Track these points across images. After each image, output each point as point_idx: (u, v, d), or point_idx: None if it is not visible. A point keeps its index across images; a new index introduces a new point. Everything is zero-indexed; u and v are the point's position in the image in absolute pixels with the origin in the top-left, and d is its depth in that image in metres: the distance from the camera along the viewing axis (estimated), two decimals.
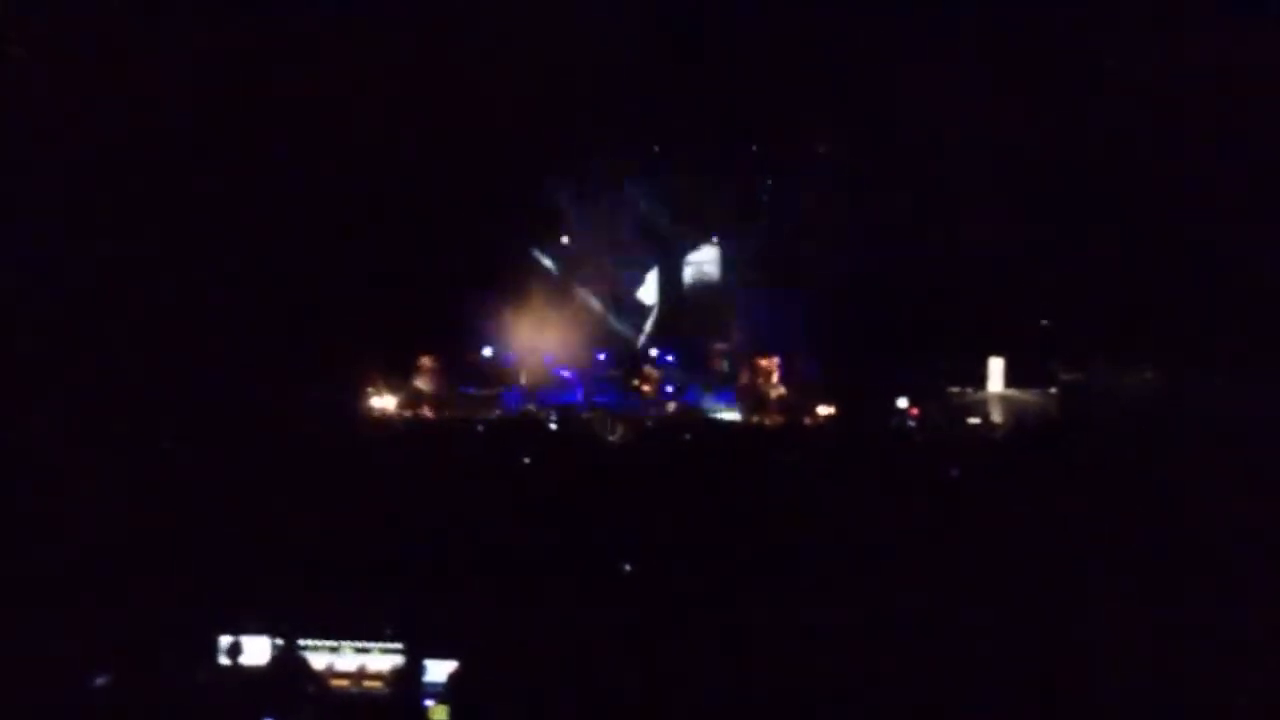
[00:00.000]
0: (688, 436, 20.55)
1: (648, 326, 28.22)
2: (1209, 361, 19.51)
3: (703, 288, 28.24)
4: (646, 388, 26.26)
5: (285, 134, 20.87)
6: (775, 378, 26.12)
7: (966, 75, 22.55)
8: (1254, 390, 17.85)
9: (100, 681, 7.66)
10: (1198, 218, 20.24)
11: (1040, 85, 22.09)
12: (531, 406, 25.40)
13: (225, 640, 8.18)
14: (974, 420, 23.43)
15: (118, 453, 12.98)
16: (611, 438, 20.55)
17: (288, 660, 7.91)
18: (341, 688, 8.05)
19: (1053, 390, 23.67)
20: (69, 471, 11.49)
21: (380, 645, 8.10)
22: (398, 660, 8.04)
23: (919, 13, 23.33)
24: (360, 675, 8.07)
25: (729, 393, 26.30)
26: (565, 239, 27.60)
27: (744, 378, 26.56)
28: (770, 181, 27.60)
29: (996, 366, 24.66)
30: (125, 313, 17.49)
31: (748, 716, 7.75)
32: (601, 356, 27.56)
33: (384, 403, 24.86)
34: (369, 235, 22.04)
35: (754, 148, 27.15)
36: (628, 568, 10.58)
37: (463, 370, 26.15)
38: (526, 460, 17.18)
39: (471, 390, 25.83)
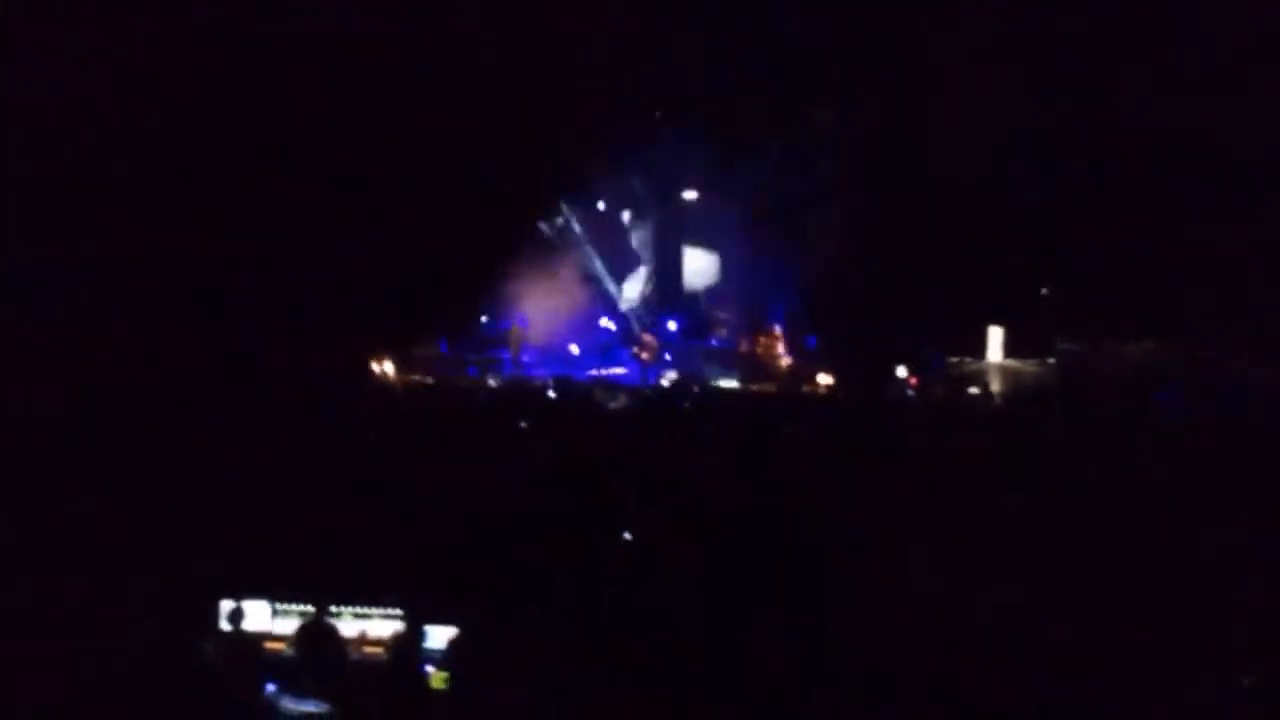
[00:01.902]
0: (687, 405, 20.58)
1: (647, 294, 28.21)
2: (1208, 332, 19.56)
3: (703, 256, 28.22)
4: (645, 355, 26.25)
5: (286, 110, 20.81)
6: (776, 347, 26.13)
7: (967, 45, 22.51)
8: (1253, 360, 17.91)
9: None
10: (1199, 188, 20.25)
11: (1042, 56, 22.05)
12: (531, 374, 25.42)
13: (227, 606, 8.22)
14: (973, 390, 23.46)
15: (119, 420, 13.02)
16: (611, 405, 20.57)
17: (317, 629, 7.94)
18: None
19: (1051, 360, 23.70)
20: (68, 442, 11.54)
21: (381, 611, 8.14)
22: (398, 626, 8.07)
23: None
24: (361, 641, 8.11)
25: (729, 361, 26.30)
26: (564, 206, 27.55)
27: (744, 346, 26.57)
28: (770, 150, 27.54)
29: (996, 336, 24.68)
30: (131, 287, 17.53)
31: (748, 681, 7.79)
32: (600, 324, 27.57)
33: (384, 368, 24.87)
34: (370, 204, 22.02)
35: (753, 116, 27.09)
36: (628, 536, 10.62)
37: (462, 337, 26.17)
38: (523, 424, 17.24)
39: (471, 357, 25.86)
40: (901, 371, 24.46)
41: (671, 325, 27.31)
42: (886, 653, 7.85)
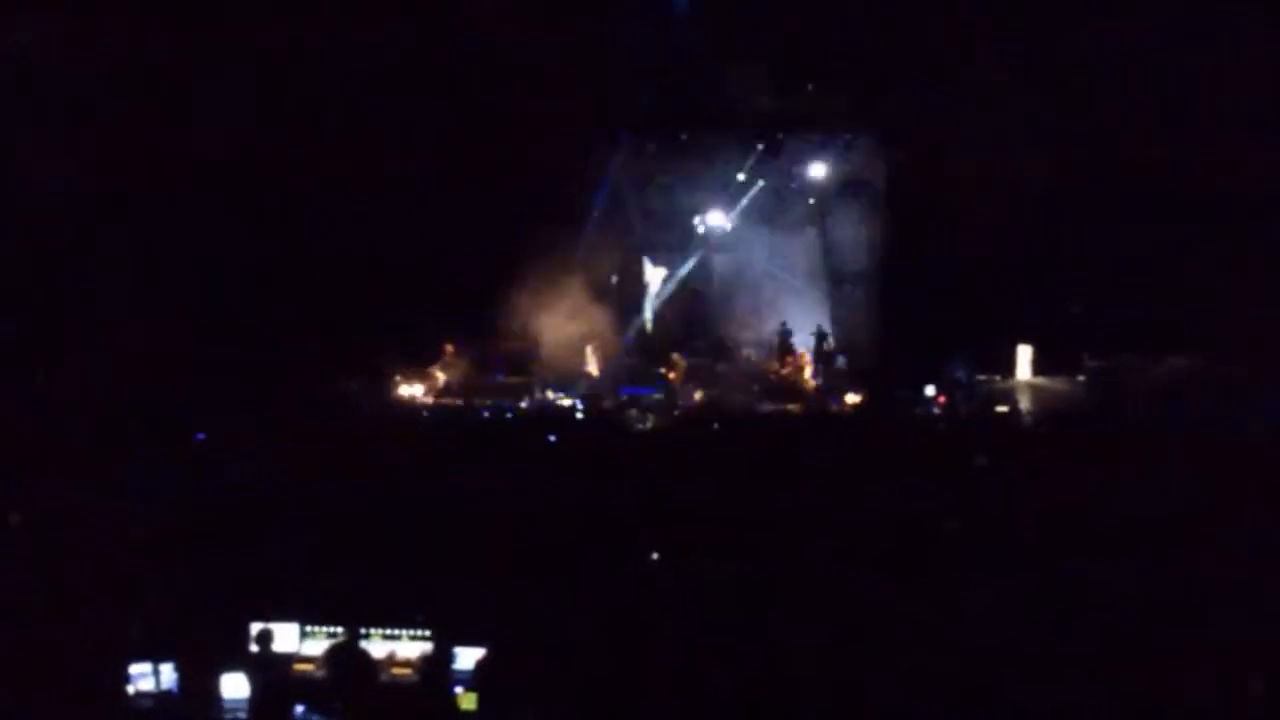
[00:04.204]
0: (716, 425, 20.54)
1: (673, 314, 28.17)
2: (1239, 349, 19.42)
3: (732, 276, 28.18)
4: (674, 376, 26.18)
5: (308, 116, 20.86)
6: (804, 366, 26.05)
7: (995, 57, 22.44)
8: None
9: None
10: (1229, 205, 20.12)
11: (1072, 67, 21.98)
12: (561, 395, 25.40)
13: (255, 628, 8.26)
14: (1002, 408, 23.31)
15: (147, 443, 13.08)
16: (640, 427, 20.55)
17: (346, 650, 7.97)
18: None
19: (1080, 378, 23.54)
20: (97, 463, 11.60)
21: (410, 632, 8.17)
22: (427, 647, 8.10)
23: None
24: (390, 662, 8.14)
25: (757, 381, 26.20)
26: (594, 225, 27.52)
27: (771, 366, 26.50)
28: (796, 169, 27.53)
29: (1025, 354, 24.52)
30: (158, 301, 17.61)
31: (774, 701, 7.77)
32: (629, 343, 27.54)
33: (412, 390, 24.90)
34: (394, 222, 22.06)
35: (780, 135, 27.08)
36: (655, 555, 10.62)
37: (491, 358, 26.14)
38: (552, 438, 17.29)
39: (500, 378, 25.83)
40: (930, 390, 24.35)
41: (699, 345, 27.25)
42: (917, 669, 7.82)
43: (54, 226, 16.58)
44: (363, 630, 8.16)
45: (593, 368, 26.59)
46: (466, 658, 7.87)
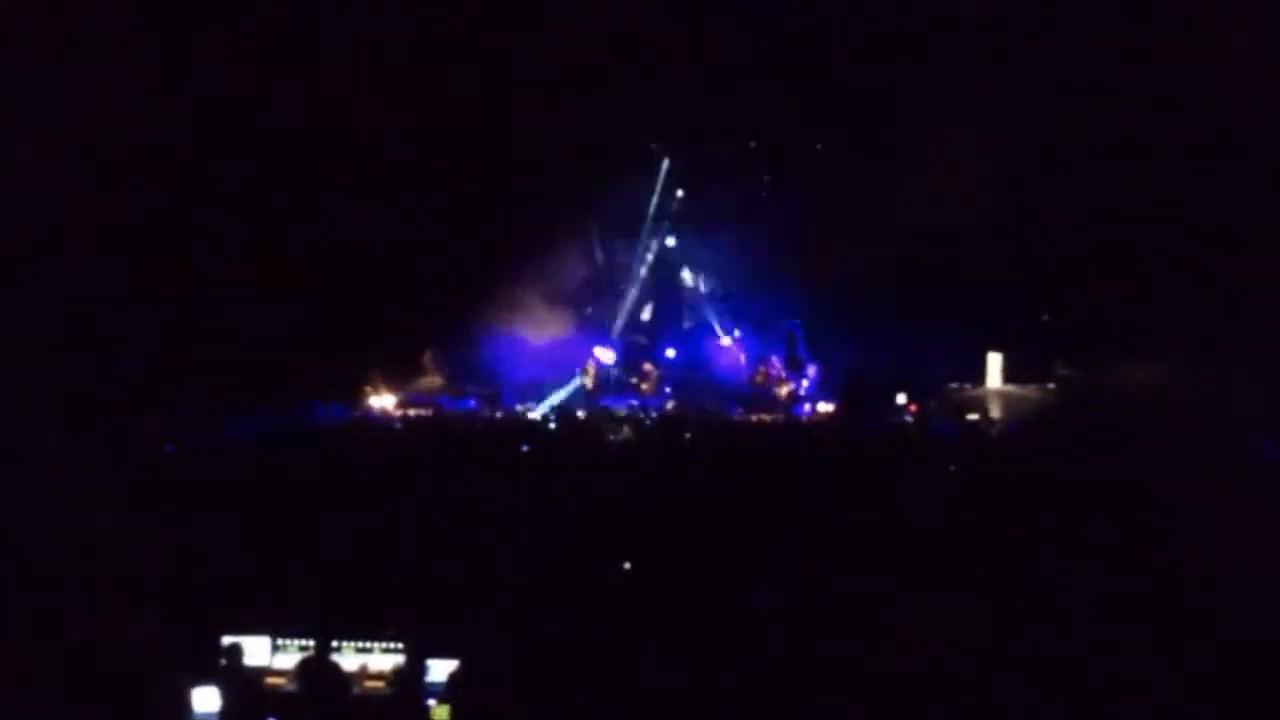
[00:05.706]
0: (688, 435, 20.58)
1: (646, 324, 28.22)
2: (1208, 357, 19.54)
3: (703, 285, 28.25)
4: (645, 386, 26.24)
5: (287, 129, 20.79)
6: (777, 376, 26.13)
7: (964, 67, 22.53)
8: (1252, 385, 17.88)
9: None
10: (1196, 213, 20.24)
11: (1041, 77, 22.08)
12: (531, 405, 25.42)
13: (225, 641, 8.20)
14: (972, 416, 23.42)
15: (116, 454, 13.01)
16: (613, 438, 20.55)
17: (318, 663, 7.92)
18: None
19: (1050, 385, 23.66)
20: (65, 474, 11.52)
21: (382, 645, 8.12)
22: (399, 660, 8.06)
23: (919, 5, 23.33)
24: (362, 675, 8.09)
25: (730, 391, 26.26)
26: (564, 236, 27.52)
27: (744, 375, 26.58)
28: (769, 178, 27.61)
29: (995, 362, 24.66)
30: (126, 312, 17.51)
31: (748, 715, 7.78)
32: (596, 354, 27.56)
33: (383, 402, 24.87)
34: (368, 235, 22.01)
35: (752, 144, 27.13)
36: (628, 566, 10.61)
37: (462, 370, 26.14)
38: (525, 448, 17.29)
39: (471, 389, 25.83)
40: (901, 398, 24.45)
41: (670, 353, 27.30)
42: (884, 677, 7.84)
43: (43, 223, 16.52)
44: (335, 643, 8.10)
45: (589, 381, 26.69)
46: (439, 670, 7.83)
